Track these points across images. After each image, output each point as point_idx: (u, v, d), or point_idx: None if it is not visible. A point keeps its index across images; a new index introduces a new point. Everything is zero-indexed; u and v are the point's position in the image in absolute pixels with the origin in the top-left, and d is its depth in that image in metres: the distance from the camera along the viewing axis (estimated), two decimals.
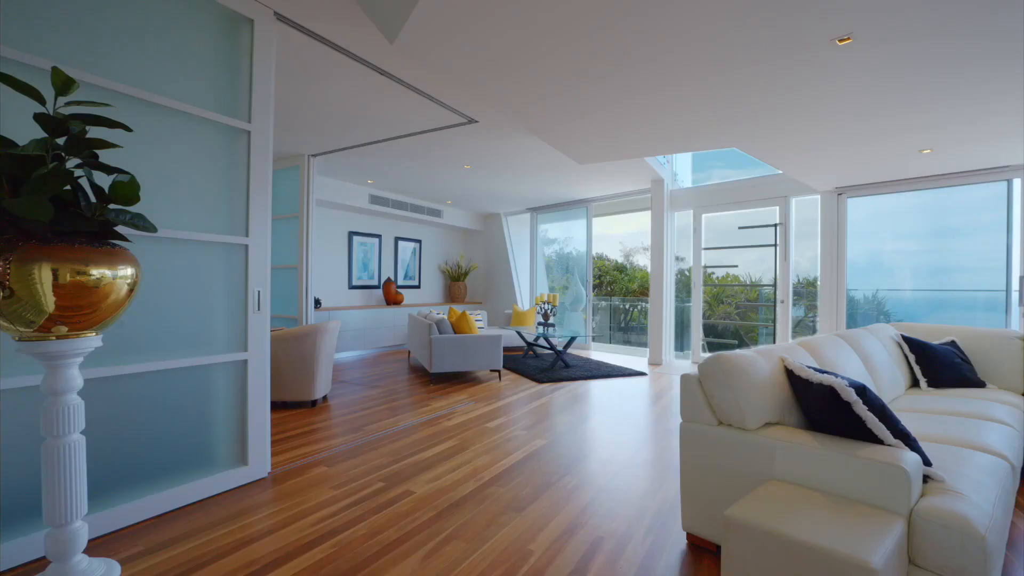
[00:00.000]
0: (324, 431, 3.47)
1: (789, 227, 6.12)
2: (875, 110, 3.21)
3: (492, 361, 5.26)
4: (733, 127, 3.63)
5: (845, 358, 2.57)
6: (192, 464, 2.36)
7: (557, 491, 2.50)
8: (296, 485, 2.54)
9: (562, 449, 3.15)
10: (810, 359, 2.30)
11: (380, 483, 2.56)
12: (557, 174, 6.27)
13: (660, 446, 3.23)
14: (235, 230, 2.50)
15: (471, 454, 3.03)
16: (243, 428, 2.54)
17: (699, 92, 3.02)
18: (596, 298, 9.38)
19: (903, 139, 3.79)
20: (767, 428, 1.78)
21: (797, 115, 3.33)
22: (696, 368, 1.98)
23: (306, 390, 4.04)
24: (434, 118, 4.26)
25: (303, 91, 3.68)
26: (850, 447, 1.54)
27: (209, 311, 2.41)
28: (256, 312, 2.57)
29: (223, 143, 2.46)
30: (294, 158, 5.53)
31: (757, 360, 1.91)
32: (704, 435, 1.88)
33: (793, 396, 1.91)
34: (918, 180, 5.14)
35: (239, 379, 2.53)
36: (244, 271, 2.53)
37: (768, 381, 1.87)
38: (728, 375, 1.81)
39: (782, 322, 6.13)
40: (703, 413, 1.90)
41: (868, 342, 2.97)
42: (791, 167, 4.76)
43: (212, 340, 2.43)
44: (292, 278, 5.58)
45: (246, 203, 2.53)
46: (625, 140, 4.11)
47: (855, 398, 1.56)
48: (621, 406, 4.31)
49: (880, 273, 5.79)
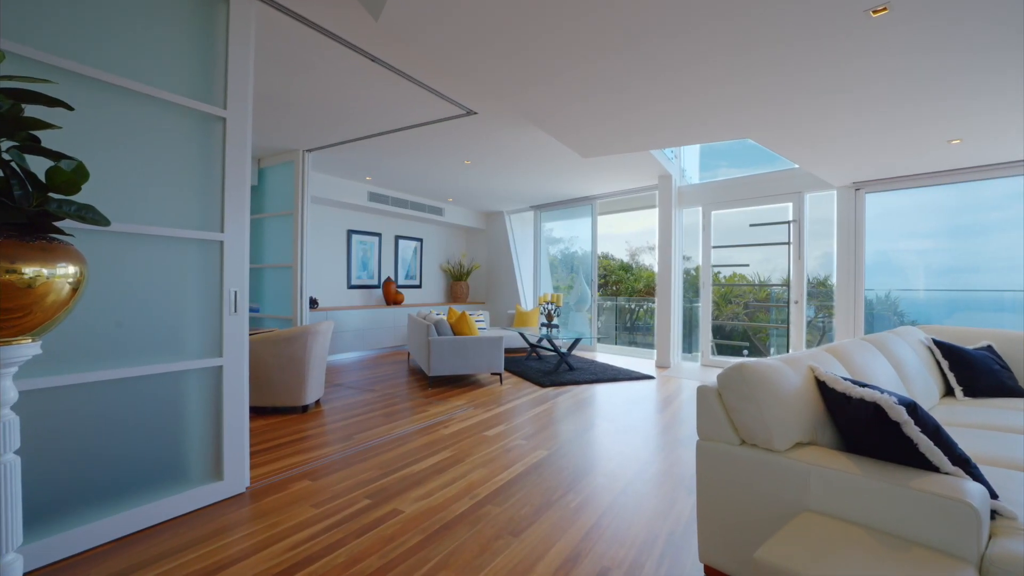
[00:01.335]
0: (312, 440, 3.27)
1: (803, 224, 5.87)
2: (905, 96, 2.96)
3: (493, 364, 5.05)
4: (750, 114, 3.40)
5: (877, 366, 2.33)
6: (161, 480, 2.16)
7: (559, 511, 2.28)
8: (275, 502, 2.34)
9: (565, 461, 2.94)
10: (840, 367, 2.07)
11: (366, 500, 2.36)
12: (561, 170, 6.04)
13: (670, 458, 3.01)
14: (209, 225, 2.30)
15: (466, 467, 2.82)
16: (218, 440, 2.34)
17: (714, 75, 2.79)
18: (601, 298, 9.15)
19: (932, 128, 3.54)
20: (798, 449, 1.55)
21: (820, 100, 3.09)
22: (715, 378, 1.76)
23: (296, 395, 3.84)
24: (431, 110, 4.05)
25: (293, 81, 3.48)
26: (900, 476, 1.32)
27: (180, 313, 2.21)
28: (232, 314, 2.37)
29: (196, 131, 2.26)
30: (288, 153, 5.34)
31: (784, 370, 1.69)
32: (724, 456, 1.66)
33: (826, 412, 1.68)
34: (942, 174, 4.87)
35: (214, 387, 2.33)
36: (219, 270, 2.33)
37: (798, 394, 1.64)
38: (752, 387, 1.59)
39: (796, 323, 5.88)
40: (723, 430, 1.68)
41: (899, 347, 2.73)
42: (808, 159, 4.52)
43: (184, 345, 2.23)
44: (286, 277, 5.40)
45: (221, 196, 2.33)
46: (631, 130, 3.89)
47: (906, 418, 1.33)
48: (628, 413, 4.08)
49: (888, 272, 5.54)
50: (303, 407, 3.94)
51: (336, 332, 6.65)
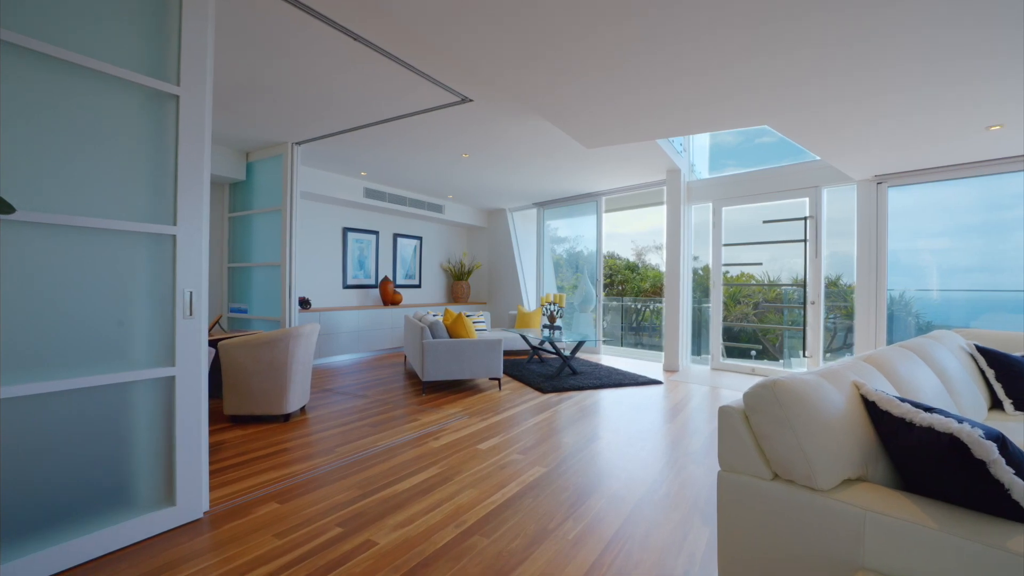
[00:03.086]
0: (290, 453, 3.00)
1: (820, 220, 5.53)
2: (945, 77, 2.65)
3: (491, 368, 4.77)
4: (770, 95, 3.09)
5: (923, 378, 2.02)
6: (101, 508, 1.90)
7: (555, 543, 2.00)
8: (235, 530, 2.07)
9: (564, 480, 2.65)
10: (882, 380, 1.76)
11: (337, 528, 2.08)
12: (563, 164, 5.75)
13: (680, 477, 2.71)
14: (159, 217, 2.04)
15: (455, 486, 2.53)
16: (170, 460, 2.07)
17: (734, 50, 2.49)
18: (607, 298, 8.84)
19: (971, 112, 3.21)
20: (847, 488, 1.26)
21: (848, 79, 2.78)
22: (741, 396, 1.46)
23: (277, 403, 3.58)
24: (423, 97, 3.77)
25: (271, 65, 3.22)
26: (989, 530, 1.02)
27: (124, 317, 1.95)
28: (187, 318, 2.10)
29: (143, 110, 1.99)
30: (276, 146, 5.09)
31: (824, 388, 1.39)
32: (753, 492, 1.36)
33: (878, 439, 1.39)
34: (974, 165, 4.53)
35: (165, 400, 2.07)
36: (172, 268, 2.07)
37: (843, 418, 1.34)
38: (788, 409, 1.30)
39: (813, 325, 5.55)
40: (751, 461, 1.38)
41: (942, 355, 2.41)
42: (829, 149, 4.19)
43: (130, 353, 1.97)
44: (275, 277, 5.14)
45: (174, 184, 2.07)
46: (636, 115, 3.59)
47: (996, 456, 1.03)
48: (634, 422, 3.78)
49: (900, 272, 5.19)
50: (285, 416, 3.67)
51: (331, 334, 6.40)
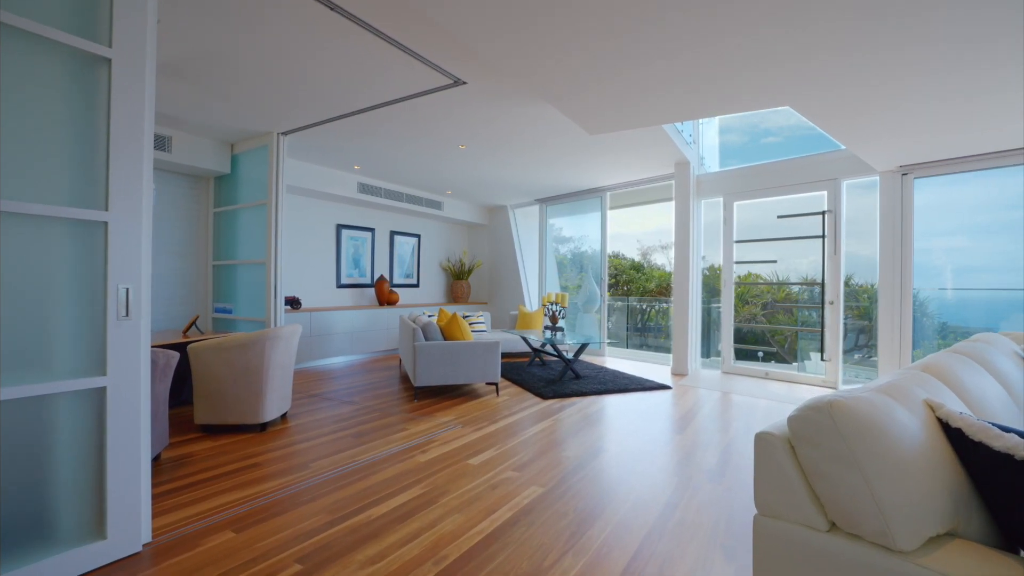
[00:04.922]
0: (259, 469, 2.70)
1: (840, 215, 5.18)
2: (991, 57, 2.31)
3: (488, 373, 4.46)
4: (794, 72, 2.76)
5: (989, 390, 1.70)
6: (13, 543, 1.60)
7: None
8: (177, 568, 1.77)
9: (564, 503, 2.33)
10: (948, 393, 1.43)
11: (296, 566, 1.78)
12: (566, 154, 5.43)
13: (696, 500, 2.39)
14: (87, 201, 1.74)
15: (438, 511, 2.23)
16: (100, 485, 1.78)
17: (758, 15, 2.17)
18: (612, 298, 8.51)
19: (1016, 94, 2.87)
20: (937, 548, 0.94)
21: (886, 55, 2.45)
22: (785, 420, 1.15)
23: (252, 411, 3.28)
24: (413, 80, 3.47)
25: (249, 41, 2.93)
26: None
27: (41, 318, 1.66)
28: (123, 319, 1.81)
29: (66, 74, 1.70)
30: (261, 137, 4.80)
31: (894, 412, 1.07)
32: (804, 547, 1.05)
33: (967, 477, 1.07)
34: (1010, 154, 4.17)
35: (94, 415, 1.77)
36: (103, 260, 1.78)
37: (923, 451, 1.03)
38: (851, 442, 0.98)
39: (832, 326, 5.20)
40: (799, 505, 1.07)
41: (1001, 362, 2.08)
42: (854, 136, 3.85)
43: (50, 360, 1.67)
44: (260, 275, 4.86)
45: (106, 162, 1.77)
46: (642, 94, 3.27)
47: None
48: (642, 433, 3.46)
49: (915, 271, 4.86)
50: (262, 425, 3.38)
51: (323, 335, 6.12)
